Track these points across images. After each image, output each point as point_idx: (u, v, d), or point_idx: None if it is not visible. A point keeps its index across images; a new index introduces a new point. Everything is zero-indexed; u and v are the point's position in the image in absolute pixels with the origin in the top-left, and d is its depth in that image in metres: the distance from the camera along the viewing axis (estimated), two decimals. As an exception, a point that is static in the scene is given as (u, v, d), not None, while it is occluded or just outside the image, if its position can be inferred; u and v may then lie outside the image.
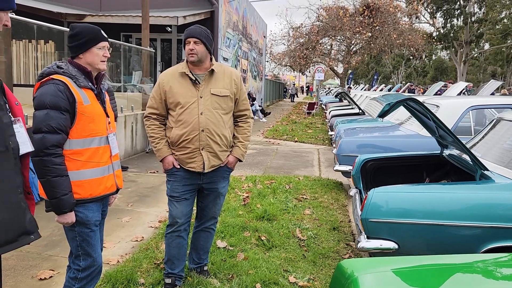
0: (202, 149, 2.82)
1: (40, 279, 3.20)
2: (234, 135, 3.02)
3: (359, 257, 3.72)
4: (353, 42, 26.71)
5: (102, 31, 2.30)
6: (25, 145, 1.71)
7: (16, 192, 1.63)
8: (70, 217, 2.17)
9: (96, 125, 2.23)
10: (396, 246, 2.89)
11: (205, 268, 3.24)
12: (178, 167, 2.89)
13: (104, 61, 2.28)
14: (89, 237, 2.27)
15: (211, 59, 2.89)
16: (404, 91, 18.42)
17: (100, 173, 2.25)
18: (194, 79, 2.81)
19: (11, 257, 3.50)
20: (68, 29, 8.24)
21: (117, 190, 2.42)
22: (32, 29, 7.34)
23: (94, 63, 2.24)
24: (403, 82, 42.75)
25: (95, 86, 2.29)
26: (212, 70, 2.85)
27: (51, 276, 3.24)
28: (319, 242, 4.05)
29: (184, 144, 2.82)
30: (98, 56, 2.24)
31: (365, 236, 3.02)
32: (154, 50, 11.49)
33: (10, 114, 1.65)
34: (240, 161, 3.05)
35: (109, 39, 2.35)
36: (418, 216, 2.90)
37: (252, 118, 3.10)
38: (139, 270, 3.33)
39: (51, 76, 2.15)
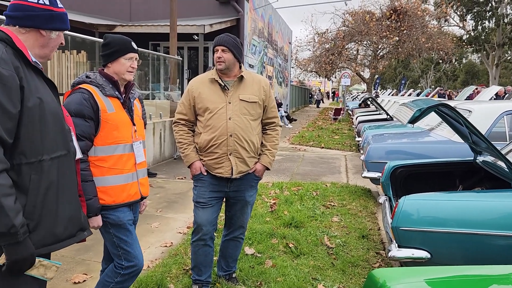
0: (230, 154, 2.84)
1: (74, 282, 3.29)
2: (262, 143, 3.01)
3: (390, 267, 3.65)
4: (379, 46, 26.40)
5: (133, 43, 2.36)
6: (77, 153, 1.87)
7: (76, 191, 1.78)
8: (96, 221, 2.22)
9: (120, 132, 2.27)
10: (429, 256, 2.82)
11: (234, 275, 3.24)
12: (205, 173, 2.90)
13: (131, 72, 2.33)
14: (125, 236, 2.32)
15: (240, 67, 2.91)
16: (433, 96, 18.04)
17: (124, 180, 2.29)
18: (223, 85, 2.84)
19: (46, 261, 3.62)
20: (99, 39, 8.49)
21: (142, 198, 2.44)
22: (66, 40, 7.59)
23: (120, 73, 2.31)
24: (432, 86, 41.83)
25: (124, 95, 2.35)
26: (241, 76, 2.87)
27: (84, 280, 3.32)
28: (348, 250, 4.00)
29: (212, 149, 2.84)
30: (124, 66, 2.30)
31: (396, 244, 2.96)
32: (181, 58, 11.70)
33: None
34: (268, 169, 3.05)
35: (137, 48, 2.40)
36: (451, 225, 2.83)
37: (281, 126, 3.10)
38: (168, 275, 3.37)
39: (79, 86, 2.25)
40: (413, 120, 3.03)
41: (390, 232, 3.07)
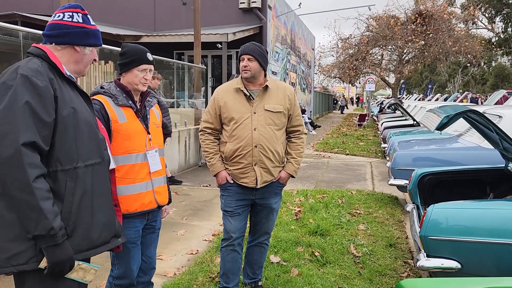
0: (255, 165, 2.85)
1: (103, 289, 3.35)
2: (287, 151, 3.02)
3: (419, 276, 3.57)
4: (405, 51, 25.99)
5: (148, 55, 2.35)
6: (111, 162, 1.94)
7: (110, 198, 1.84)
8: None
9: (132, 142, 2.28)
10: (459, 266, 2.75)
11: (260, 283, 3.24)
12: (232, 182, 2.93)
13: (144, 83, 2.33)
14: (123, 252, 2.31)
15: (265, 75, 2.93)
16: (461, 101, 17.61)
17: (136, 189, 2.29)
18: (248, 94, 2.86)
19: (76, 267, 3.70)
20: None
21: (159, 206, 2.42)
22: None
23: (133, 83, 2.32)
24: (460, 91, 40.84)
25: (139, 103, 2.37)
26: (266, 86, 2.89)
27: (112, 287, 3.38)
28: (375, 259, 3.93)
29: (237, 159, 2.87)
30: (137, 77, 2.30)
31: (425, 254, 2.90)
32: (205, 67, 11.83)
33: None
34: (293, 177, 3.05)
35: (162, 57, 2.44)
36: (483, 234, 2.75)
37: (305, 134, 3.10)
38: (195, 283, 3.40)
39: (93, 97, 2.29)
40: (440, 127, 2.97)
41: (418, 241, 3.01)
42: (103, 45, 7.64)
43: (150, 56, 2.35)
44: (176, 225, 4.99)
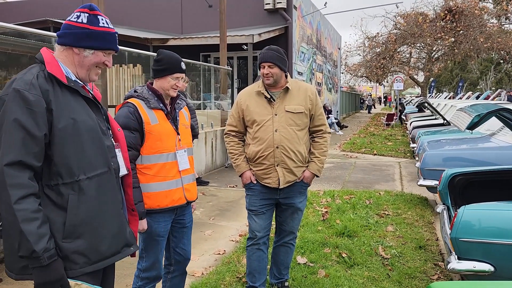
0: (277, 165, 2.90)
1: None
2: (310, 150, 3.04)
3: (450, 279, 3.49)
4: (434, 48, 25.38)
5: (182, 64, 2.48)
6: (122, 168, 1.87)
7: (119, 207, 1.80)
8: (142, 225, 2.37)
9: (163, 142, 2.41)
10: (492, 269, 2.67)
11: (286, 284, 3.25)
12: (255, 182, 3.00)
13: (175, 90, 2.47)
14: (151, 245, 2.48)
15: (286, 77, 2.97)
16: (493, 99, 17.04)
17: (167, 186, 2.43)
18: (269, 97, 2.91)
19: (107, 266, 3.81)
20: (152, 53, 8.84)
21: (188, 202, 2.55)
22: (123, 55, 8.03)
23: (165, 89, 2.46)
24: (493, 88, 39.50)
25: (169, 106, 2.50)
26: (287, 88, 2.92)
27: (142, 286, 3.45)
28: (405, 261, 3.87)
29: (260, 160, 2.93)
30: (169, 84, 2.44)
31: (456, 256, 2.83)
32: (231, 69, 11.92)
33: (112, 139, 1.83)
34: (317, 176, 3.05)
35: (188, 59, 2.52)
36: (517, 236, 2.66)
37: (329, 133, 3.11)
38: (222, 283, 3.43)
39: (127, 100, 2.44)
40: (471, 126, 2.90)
41: (449, 243, 2.94)
42: (131, 49, 7.78)
43: (183, 65, 2.49)
44: (204, 225, 5.05)
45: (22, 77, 1.58)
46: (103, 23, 1.71)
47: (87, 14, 1.69)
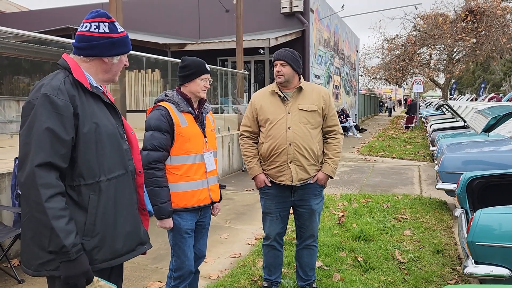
0: (290, 162, 2.94)
1: (150, 289, 3.48)
2: (324, 151, 3.07)
3: (467, 283, 3.43)
4: (455, 50, 24.96)
5: (206, 65, 2.61)
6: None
7: (135, 207, 1.88)
8: (168, 223, 2.48)
9: (191, 144, 2.51)
10: (510, 273, 2.62)
11: (314, 285, 3.29)
12: (270, 184, 3.04)
13: (204, 91, 2.59)
14: (180, 242, 2.56)
15: (299, 78, 3.02)
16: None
17: (194, 186, 2.53)
18: (282, 96, 2.96)
19: (126, 268, 3.87)
20: (170, 59, 8.98)
21: (212, 202, 2.64)
22: (141, 61, 8.17)
23: (196, 92, 2.57)
24: (517, 89, 38.49)
25: (197, 110, 2.61)
26: (300, 87, 2.97)
27: (160, 287, 3.51)
28: (421, 266, 3.82)
29: (273, 158, 2.97)
30: (199, 86, 2.57)
31: (473, 261, 2.79)
32: (247, 72, 11.97)
33: (126, 142, 1.89)
34: (331, 177, 3.07)
35: (206, 64, 2.61)
36: (536, 240, 2.61)
37: (342, 134, 3.13)
38: (237, 285, 3.45)
39: (158, 103, 2.56)
40: (488, 129, 2.86)
41: (466, 247, 2.90)
42: (150, 55, 7.94)
43: (208, 67, 2.63)
44: (220, 229, 5.09)
45: (50, 82, 1.65)
46: (120, 29, 1.80)
47: (107, 23, 1.75)
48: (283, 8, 13.94)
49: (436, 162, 6.65)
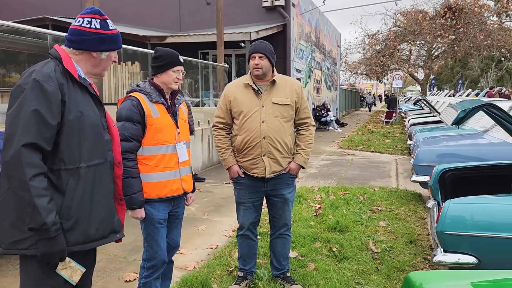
0: (263, 155, 2.97)
1: (126, 281, 3.47)
2: (296, 142, 3.12)
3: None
4: (434, 46, 25.39)
5: (180, 57, 2.61)
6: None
7: (111, 196, 1.94)
8: (140, 213, 2.49)
9: (164, 134, 2.52)
10: (476, 261, 2.71)
11: (288, 274, 3.34)
12: (243, 176, 3.07)
13: (177, 82, 2.58)
14: (153, 232, 2.57)
15: (273, 71, 3.04)
16: (493, 96, 17.04)
17: (166, 176, 2.53)
18: (256, 89, 2.98)
19: (101, 259, 3.84)
20: (150, 51, 8.87)
21: (185, 193, 2.65)
22: (119, 53, 8.06)
23: (168, 83, 2.57)
24: (495, 86, 39.37)
25: (170, 101, 2.61)
26: (274, 80, 3.00)
27: (135, 279, 3.49)
28: (394, 255, 3.90)
29: (247, 151, 3.00)
30: (171, 77, 2.57)
31: (442, 249, 2.87)
32: (228, 66, 11.93)
33: (108, 133, 1.96)
34: (303, 167, 3.12)
35: (186, 57, 2.61)
36: (502, 229, 2.71)
37: (314, 126, 3.19)
38: (212, 276, 3.47)
39: (130, 94, 2.55)
40: (457, 122, 2.93)
41: (435, 237, 2.98)
42: (129, 47, 7.83)
43: (181, 58, 2.63)
44: (198, 221, 5.09)
45: (41, 69, 1.72)
46: (111, 26, 1.89)
47: (99, 20, 1.84)
48: (264, 1, 13.91)
49: (412, 155, 6.79)
